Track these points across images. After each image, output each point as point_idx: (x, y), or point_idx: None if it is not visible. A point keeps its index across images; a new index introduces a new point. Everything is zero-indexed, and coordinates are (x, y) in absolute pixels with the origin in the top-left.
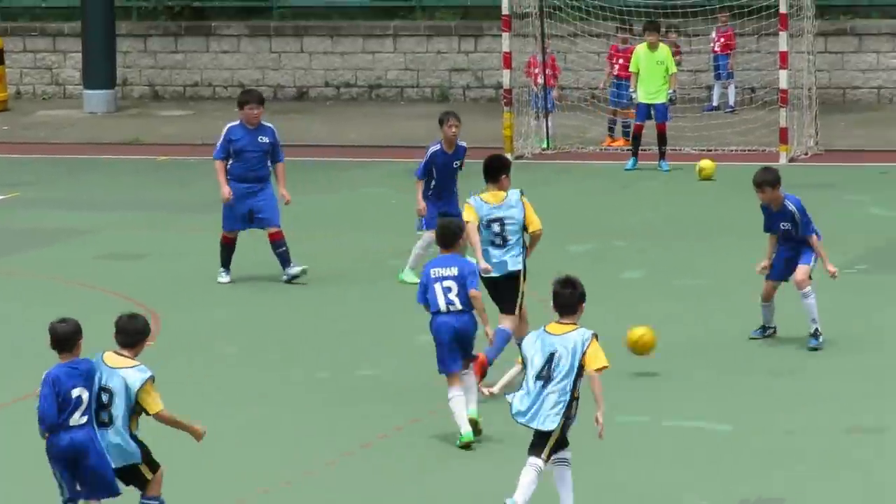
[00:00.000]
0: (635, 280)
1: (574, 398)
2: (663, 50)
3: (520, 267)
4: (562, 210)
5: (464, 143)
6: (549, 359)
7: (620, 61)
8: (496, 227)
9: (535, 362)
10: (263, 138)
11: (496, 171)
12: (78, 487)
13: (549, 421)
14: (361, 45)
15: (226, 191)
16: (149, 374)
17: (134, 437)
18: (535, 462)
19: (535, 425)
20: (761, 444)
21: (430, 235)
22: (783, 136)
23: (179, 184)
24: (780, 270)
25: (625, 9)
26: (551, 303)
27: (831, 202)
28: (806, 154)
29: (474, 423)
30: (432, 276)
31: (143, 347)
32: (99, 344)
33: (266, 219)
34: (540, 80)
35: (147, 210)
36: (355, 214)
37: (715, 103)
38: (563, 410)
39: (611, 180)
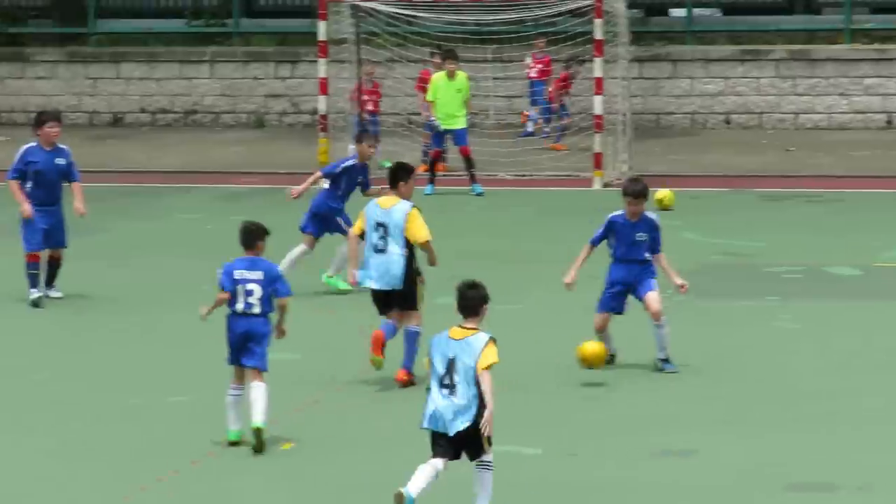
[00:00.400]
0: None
1: (482, 404)
2: (461, 77)
3: (399, 272)
4: None
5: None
6: (450, 365)
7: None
8: (381, 231)
9: (438, 368)
10: (60, 160)
11: (393, 176)
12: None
13: (453, 426)
14: (178, 70)
15: (27, 208)
16: None
17: None
18: (436, 463)
19: (441, 430)
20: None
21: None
22: (598, 161)
23: None
24: (614, 302)
25: (441, 34)
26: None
27: None
28: (619, 179)
29: (259, 433)
30: (236, 277)
31: None
32: None
33: (61, 240)
34: (368, 107)
35: None
36: (171, 240)
37: (530, 129)
38: (471, 416)
39: (433, 203)
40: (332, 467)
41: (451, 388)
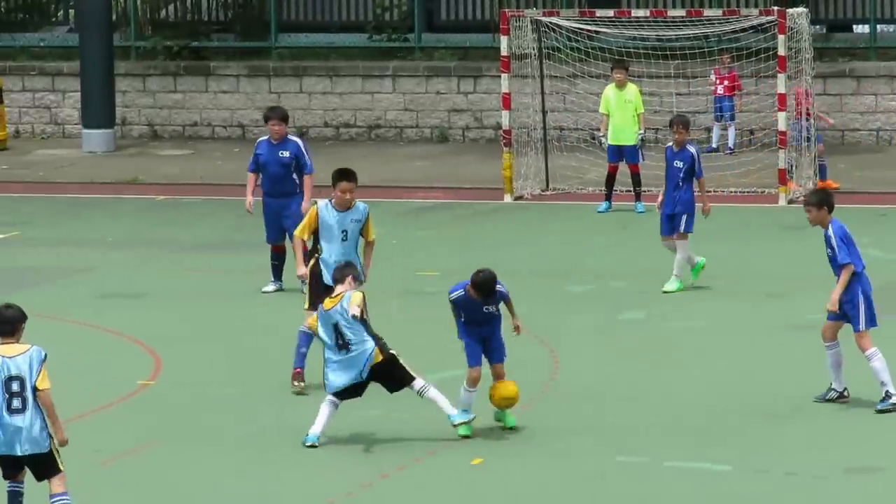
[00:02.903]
0: (635, 321)
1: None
2: (631, 88)
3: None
4: (561, 250)
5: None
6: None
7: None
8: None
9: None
10: (285, 152)
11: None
12: None
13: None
14: (360, 85)
15: (249, 200)
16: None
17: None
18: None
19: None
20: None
21: None
22: (782, 177)
23: (178, 223)
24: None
25: (623, 50)
26: None
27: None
28: (805, 196)
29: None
30: None
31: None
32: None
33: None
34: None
35: (147, 249)
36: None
37: (714, 145)
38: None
39: (610, 221)
40: (521, 483)
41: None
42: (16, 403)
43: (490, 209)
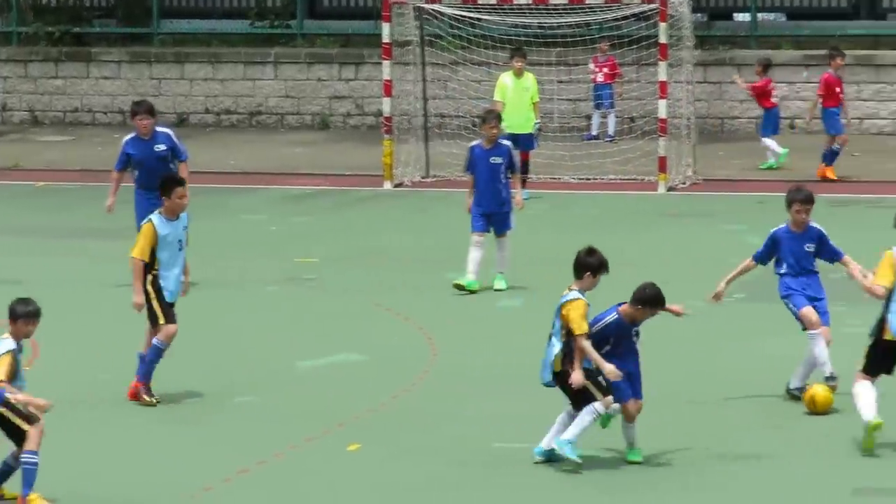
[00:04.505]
0: (513, 308)
1: None
2: (529, 77)
3: None
4: (440, 238)
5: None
6: None
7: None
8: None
9: None
10: (160, 146)
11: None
12: None
13: None
14: (242, 71)
15: (111, 202)
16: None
17: None
18: None
19: None
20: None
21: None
22: (662, 165)
23: (59, 209)
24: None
25: (505, 37)
26: None
27: (709, 231)
28: (684, 183)
29: None
30: None
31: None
32: None
33: None
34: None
35: (24, 235)
36: (235, 240)
37: (594, 132)
38: None
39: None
40: (399, 468)
41: None
42: None
43: (370, 196)
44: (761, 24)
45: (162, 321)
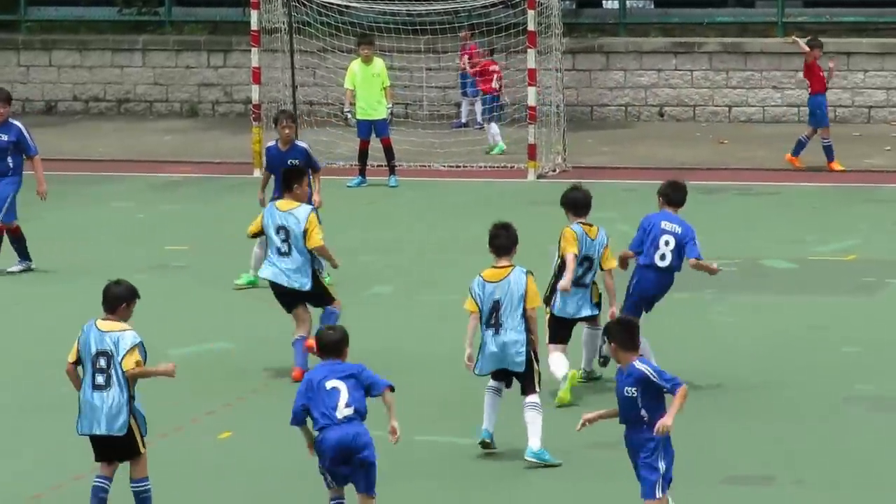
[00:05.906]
0: (383, 295)
1: None
2: (378, 63)
3: (306, 281)
4: None
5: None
6: None
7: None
8: (282, 235)
9: None
10: (3, 136)
11: (287, 181)
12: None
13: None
14: (110, 58)
15: None
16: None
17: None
18: None
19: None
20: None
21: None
22: (531, 152)
23: None
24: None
25: (374, 24)
26: None
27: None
28: (554, 171)
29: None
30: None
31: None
32: None
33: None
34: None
35: None
36: (103, 229)
37: (464, 120)
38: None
39: (359, 196)
40: (272, 455)
41: None
42: (99, 379)
43: (239, 184)
44: (630, 11)
45: None
